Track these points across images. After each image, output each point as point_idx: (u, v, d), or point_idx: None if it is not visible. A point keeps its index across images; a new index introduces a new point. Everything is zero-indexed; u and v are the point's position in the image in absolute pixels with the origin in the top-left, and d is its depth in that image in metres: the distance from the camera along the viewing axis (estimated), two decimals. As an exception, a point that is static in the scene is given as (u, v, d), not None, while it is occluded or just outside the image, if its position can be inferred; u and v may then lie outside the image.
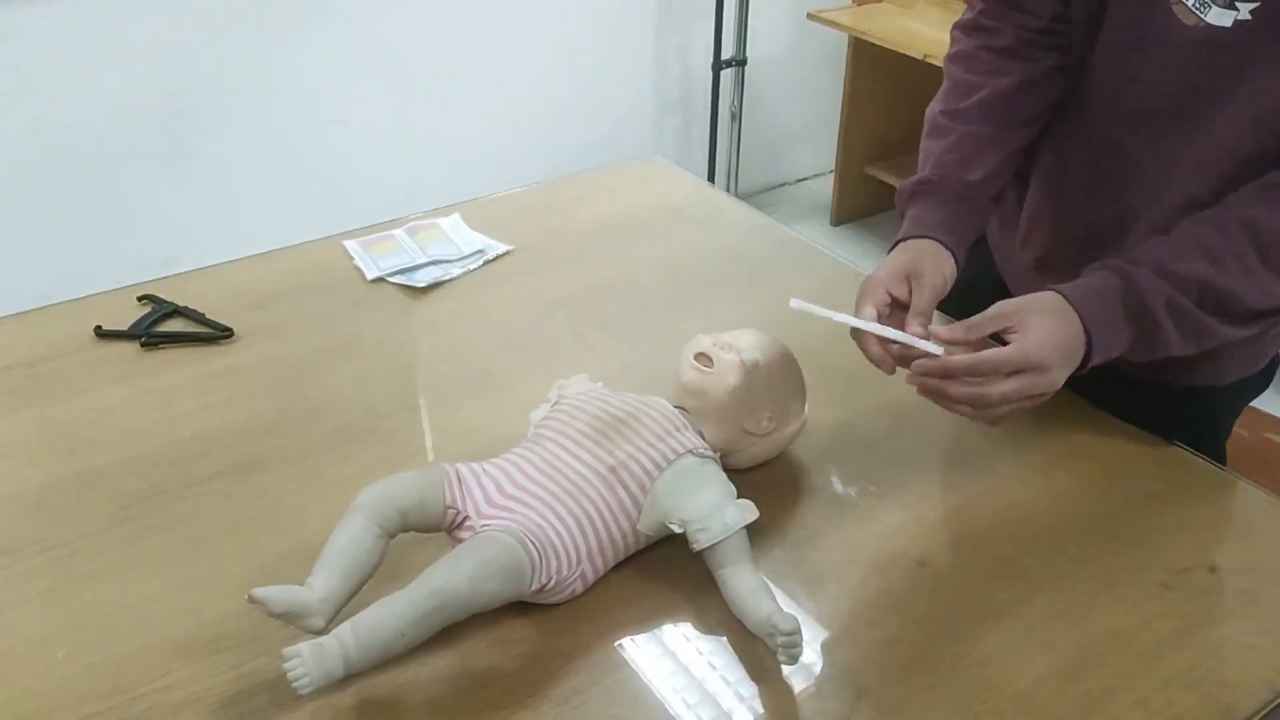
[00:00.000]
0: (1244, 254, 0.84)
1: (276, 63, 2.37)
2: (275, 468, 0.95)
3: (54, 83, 2.14)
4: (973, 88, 1.00)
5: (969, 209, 0.99)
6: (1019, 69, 0.99)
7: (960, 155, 0.98)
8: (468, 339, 1.14)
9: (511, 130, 2.74)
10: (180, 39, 2.24)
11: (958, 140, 0.99)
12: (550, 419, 0.86)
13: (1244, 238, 0.85)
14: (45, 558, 0.84)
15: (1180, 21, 0.86)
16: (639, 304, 1.21)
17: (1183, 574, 0.84)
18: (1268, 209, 0.85)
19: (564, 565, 0.77)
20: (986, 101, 0.99)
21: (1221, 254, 0.85)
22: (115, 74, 2.20)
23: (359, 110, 2.52)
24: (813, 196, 3.35)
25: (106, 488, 0.92)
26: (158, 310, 1.15)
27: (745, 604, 0.76)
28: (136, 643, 0.77)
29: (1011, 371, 0.82)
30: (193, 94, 2.30)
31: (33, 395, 1.04)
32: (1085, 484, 0.93)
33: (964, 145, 0.99)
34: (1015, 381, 0.82)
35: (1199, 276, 0.85)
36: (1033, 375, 0.82)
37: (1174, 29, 0.86)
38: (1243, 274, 0.85)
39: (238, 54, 2.32)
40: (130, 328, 1.12)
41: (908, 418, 1.01)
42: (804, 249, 1.34)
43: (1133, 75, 0.92)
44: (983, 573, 0.84)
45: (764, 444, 0.90)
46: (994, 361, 0.82)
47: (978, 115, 0.99)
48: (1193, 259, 0.85)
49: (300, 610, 0.71)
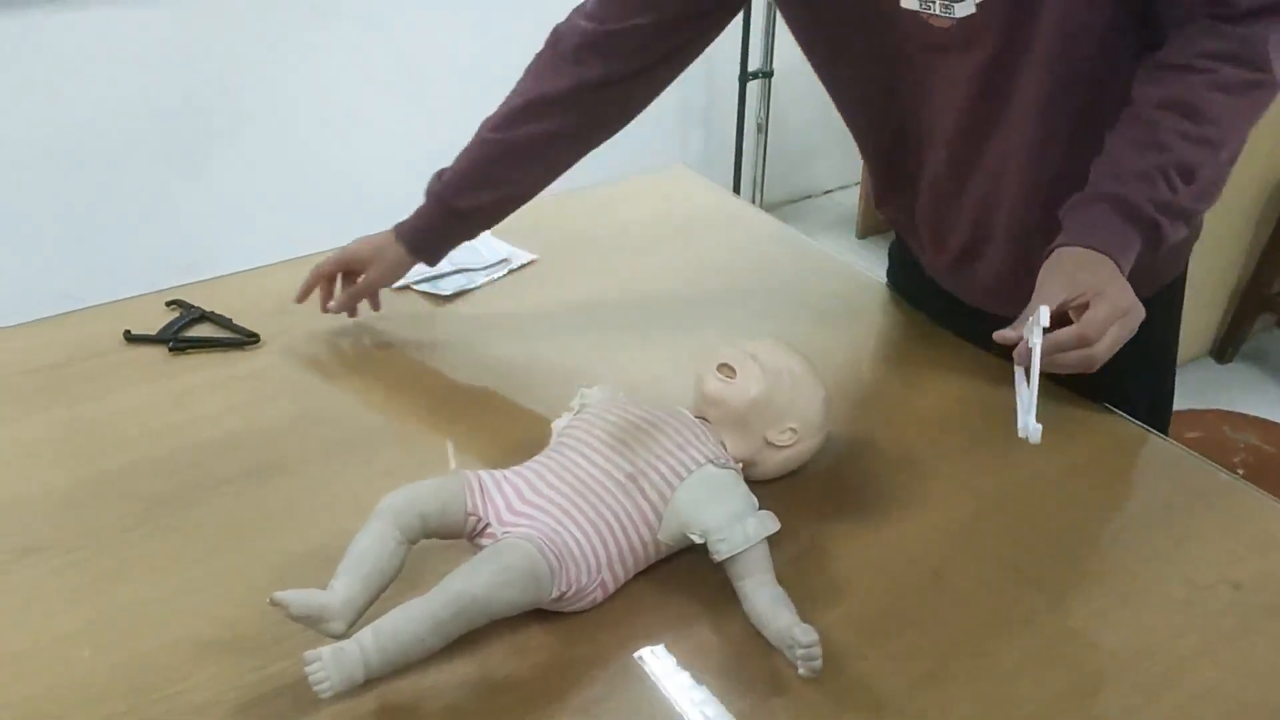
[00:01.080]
0: (1178, 128, 0.88)
1: (298, 68, 2.40)
2: (297, 471, 0.95)
3: (76, 88, 2.17)
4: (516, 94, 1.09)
5: (446, 226, 1.11)
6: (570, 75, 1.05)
7: (457, 178, 1.09)
8: (491, 347, 1.14)
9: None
10: (203, 45, 2.26)
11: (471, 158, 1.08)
12: (572, 427, 0.86)
13: (1168, 117, 0.88)
14: (69, 557, 0.86)
15: (934, 27, 0.92)
16: (662, 314, 1.21)
17: (1204, 589, 0.83)
18: (1164, 86, 0.89)
19: (584, 574, 0.77)
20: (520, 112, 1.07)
21: (1162, 140, 0.88)
22: (137, 79, 2.23)
23: (385, 116, 2.54)
24: (838, 209, 3.34)
25: (131, 489, 0.93)
26: (186, 315, 1.17)
27: (765, 615, 0.76)
28: (158, 643, 0.78)
29: (1105, 328, 0.84)
30: (217, 99, 2.33)
31: (60, 397, 1.05)
32: (1103, 495, 0.93)
33: (470, 166, 1.08)
34: (1113, 331, 0.85)
35: (1158, 164, 0.88)
36: (1119, 318, 0.85)
37: (929, 34, 0.92)
38: (1190, 144, 0.88)
39: (259, 59, 2.34)
40: (159, 332, 1.14)
41: (929, 430, 1.00)
42: (828, 260, 1.34)
43: (911, 82, 0.99)
44: (1001, 585, 0.83)
45: (786, 455, 0.90)
46: (1093, 325, 0.84)
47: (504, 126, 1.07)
48: (1143, 156, 0.88)
49: (321, 614, 0.72)
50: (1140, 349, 0.88)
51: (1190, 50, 0.88)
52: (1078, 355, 0.84)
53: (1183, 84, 0.88)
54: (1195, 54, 0.88)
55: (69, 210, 2.26)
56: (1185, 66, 0.88)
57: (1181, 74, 0.88)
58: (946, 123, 0.99)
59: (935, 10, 0.90)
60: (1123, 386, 1.04)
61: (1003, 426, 1.00)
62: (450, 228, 1.12)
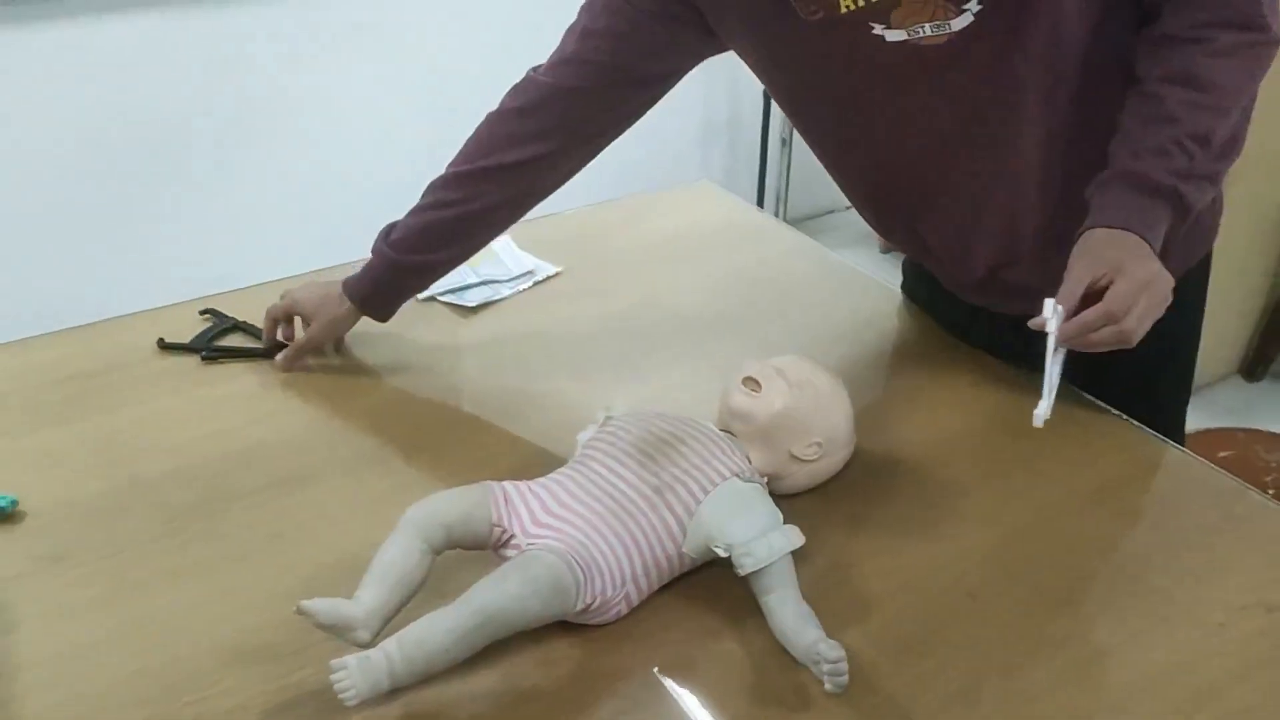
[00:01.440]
0: (1185, 98, 0.89)
1: (326, 81, 2.42)
2: (323, 481, 0.96)
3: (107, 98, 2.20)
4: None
5: (397, 281, 1.11)
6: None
7: (409, 235, 1.08)
8: (516, 359, 1.15)
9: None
10: (232, 58, 2.29)
11: (422, 219, 1.08)
12: (597, 439, 0.86)
13: (1173, 90, 0.90)
14: (97, 565, 0.86)
15: (924, 49, 0.90)
16: (686, 326, 1.21)
17: (1239, 612, 0.82)
18: (1165, 60, 0.91)
19: (609, 586, 0.77)
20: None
21: (1171, 113, 0.89)
22: (167, 91, 2.25)
23: (409, 131, 2.56)
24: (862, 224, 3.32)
25: (158, 497, 0.93)
26: (218, 325, 1.18)
27: (790, 630, 0.75)
28: (184, 650, 0.78)
29: (1130, 302, 0.85)
30: (245, 112, 2.35)
31: (89, 407, 1.06)
32: (1138, 515, 0.92)
33: (421, 226, 1.08)
34: (1141, 303, 0.85)
35: (1171, 137, 0.89)
36: (1143, 289, 0.85)
37: (919, 58, 0.91)
38: (1199, 112, 0.90)
39: (287, 72, 2.36)
40: (192, 341, 1.15)
41: (957, 447, 1.00)
42: (852, 274, 1.34)
43: (908, 112, 0.97)
44: (1033, 605, 0.82)
45: (811, 470, 0.90)
46: (1117, 301, 0.84)
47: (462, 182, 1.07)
48: (1156, 131, 0.90)
49: (347, 623, 0.72)
50: (1158, 338, 0.88)
51: (1185, 21, 0.90)
52: (1109, 332, 0.85)
53: (1182, 55, 0.90)
54: (1190, 24, 0.90)
55: (100, 220, 2.29)
56: (1183, 38, 0.90)
57: (1180, 46, 0.90)
58: (950, 144, 0.98)
59: (926, 32, 0.89)
60: (1141, 376, 1.04)
61: (1032, 445, 0.99)
62: (401, 283, 1.12)
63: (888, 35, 0.90)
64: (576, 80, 1.03)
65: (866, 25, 0.90)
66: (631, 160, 3.02)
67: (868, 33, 0.90)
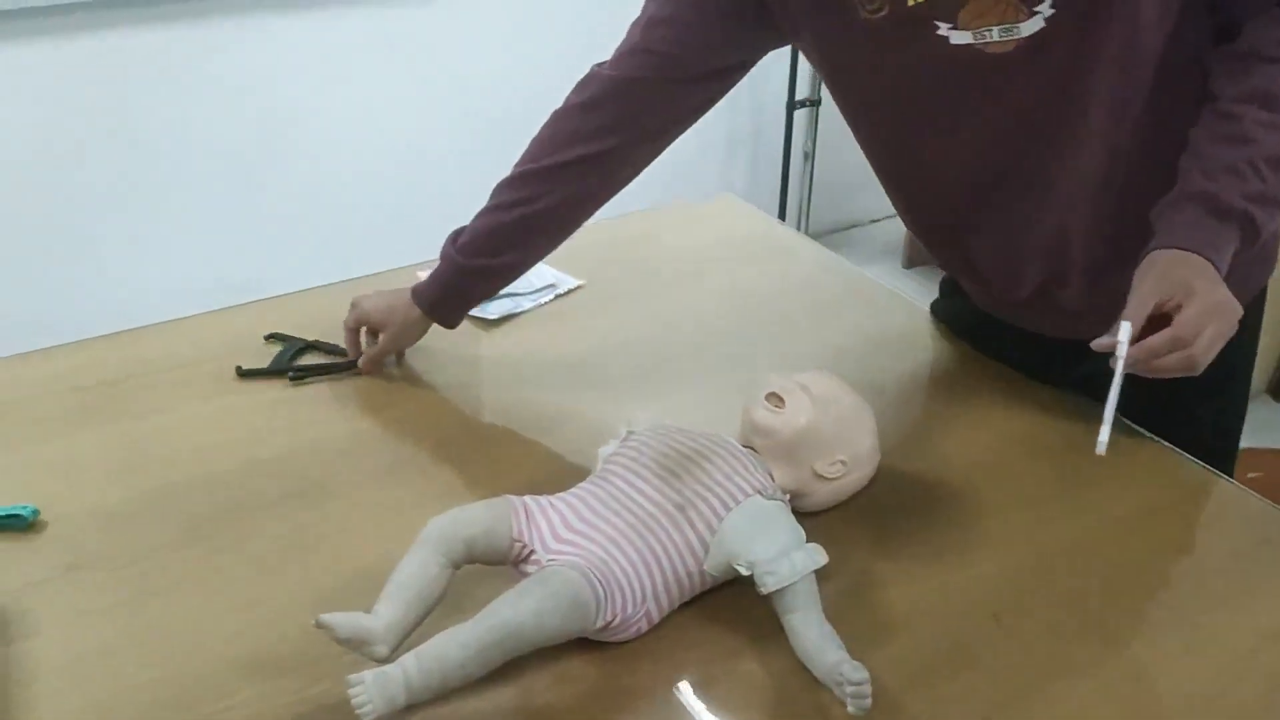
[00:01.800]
0: (1260, 119, 0.87)
1: (353, 93, 2.43)
2: (343, 493, 0.96)
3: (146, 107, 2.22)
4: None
5: (464, 286, 1.10)
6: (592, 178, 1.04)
7: (475, 239, 1.07)
8: (537, 372, 1.14)
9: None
10: (262, 70, 2.31)
11: (487, 222, 1.07)
12: (618, 455, 0.86)
13: (1248, 109, 0.87)
14: (117, 574, 0.86)
15: (989, 56, 0.87)
16: (708, 341, 1.20)
17: (1272, 638, 0.80)
18: (1242, 78, 0.88)
19: (629, 603, 0.76)
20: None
21: (1246, 133, 0.87)
22: (203, 102, 2.27)
23: (435, 144, 2.57)
24: (885, 237, 3.32)
25: (179, 507, 0.93)
26: (291, 346, 1.16)
27: (813, 650, 0.74)
28: (202, 661, 0.78)
29: (1200, 327, 0.82)
30: (272, 123, 2.37)
31: (111, 415, 1.06)
32: (1170, 540, 0.90)
33: (486, 230, 1.07)
34: (1210, 329, 0.82)
35: (1245, 157, 0.86)
36: (1213, 315, 0.83)
37: (983, 64, 0.88)
38: (1275, 134, 0.87)
39: (315, 84, 2.38)
40: (271, 365, 1.13)
41: (986, 467, 0.98)
42: (875, 289, 1.33)
43: (965, 122, 0.94)
44: (1061, 629, 0.81)
45: (834, 488, 0.89)
46: (1186, 326, 0.82)
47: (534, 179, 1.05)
48: (1229, 151, 0.87)
49: (365, 637, 0.72)
50: (1211, 366, 0.85)
51: (1264, 40, 0.87)
52: (1177, 358, 0.82)
53: (1260, 74, 0.87)
54: (1269, 43, 0.87)
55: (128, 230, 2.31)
56: (1261, 57, 0.87)
57: (1258, 64, 0.87)
58: (1008, 157, 0.96)
59: (994, 37, 0.86)
60: (1189, 406, 1.01)
61: (1060, 466, 0.98)
62: (467, 288, 1.10)
63: (953, 37, 0.87)
64: (640, 71, 1.01)
65: (932, 24, 0.87)
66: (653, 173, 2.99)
67: (932, 33, 0.87)
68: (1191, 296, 0.82)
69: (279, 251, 2.47)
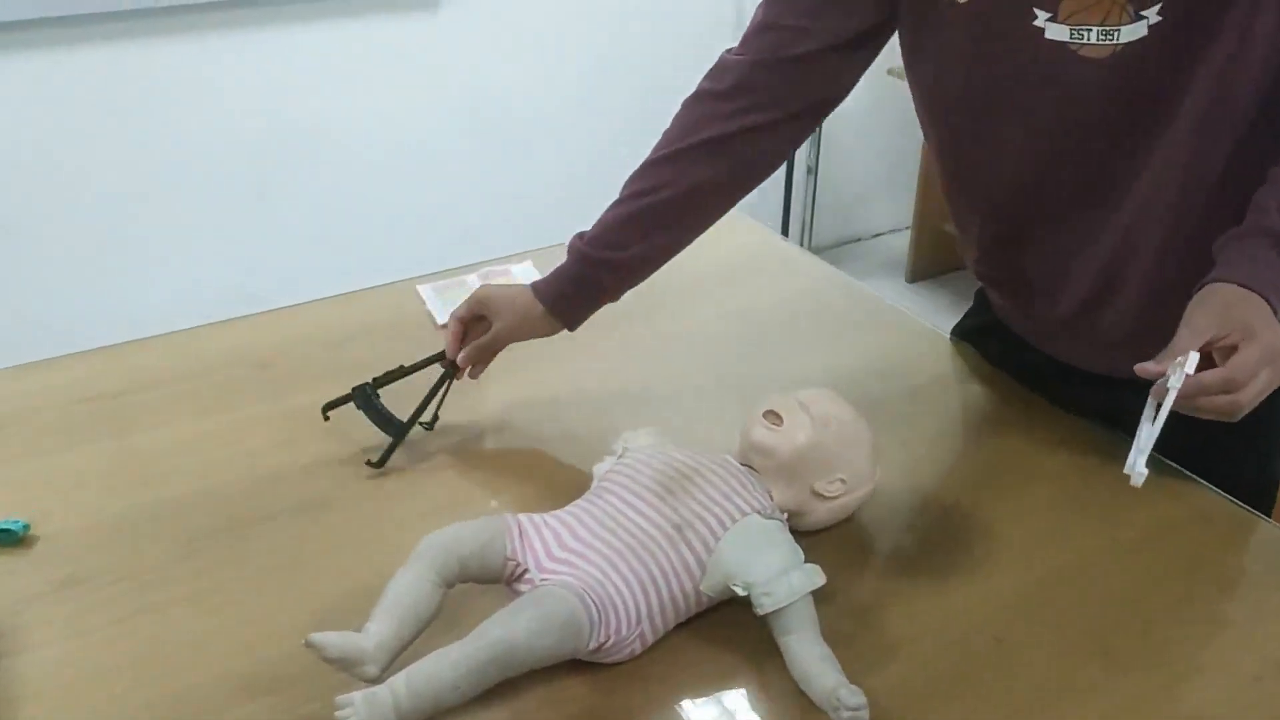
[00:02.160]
0: None
1: (365, 107, 2.44)
2: (340, 508, 0.95)
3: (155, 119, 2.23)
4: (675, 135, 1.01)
5: (590, 280, 1.02)
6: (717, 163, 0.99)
7: (603, 232, 1.02)
8: (534, 387, 1.14)
9: (587, 178, 2.77)
10: (275, 82, 2.32)
11: (616, 212, 1.02)
12: (615, 472, 0.85)
13: None
14: (114, 589, 0.86)
15: (1081, 60, 0.84)
16: (708, 356, 1.20)
17: (1277, 665, 0.79)
18: None
19: (624, 624, 0.75)
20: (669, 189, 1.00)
21: None
22: (212, 113, 2.28)
23: (439, 155, 2.57)
24: (889, 252, 3.31)
25: (178, 521, 0.93)
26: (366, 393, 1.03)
27: (810, 673, 0.73)
28: (196, 679, 0.77)
29: (1254, 372, 0.77)
30: (279, 135, 2.37)
31: (112, 427, 1.06)
32: (1174, 563, 0.89)
33: (615, 220, 1.02)
34: (1263, 376, 0.77)
35: None
36: (1270, 362, 0.77)
37: (1073, 68, 0.84)
38: None
39: (324, 97, 2.39)
40: (354, 392, 1.03)
41: (986, 487, 0.97)
42: (878, 305, 1.32)
43: (1044, 125, 0.90)
44: (1063, 653, 0.80)
45: (833, 507, 0.88)
46: (1242, 369, 0.76)
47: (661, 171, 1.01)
48: None
49: (355, 657, 0.71)
50: (1256, 412, 0.80)
51: None
52: (1224, 400, 0.76)
53: None
54: None
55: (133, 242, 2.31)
56: None
57: None
58: (1084, 166, 0.91)
59: (1091, 40, 0.81)
60: (1231, 449, 0.97)
61: (1067, 488, 0.97)
62: (594, 283, 1.02)
63: (1049, 30, 0.83)
64: (767, 53, 0.97)
65: (1030, 12, 0.83)
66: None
67: (1027, 24, 0.84)
68: (1251, 339, 0.76)
69: (286, 263, 2.47)
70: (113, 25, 2.11)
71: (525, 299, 1.02)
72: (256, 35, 2.26)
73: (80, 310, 2.27)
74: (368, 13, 2.36)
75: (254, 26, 2.25)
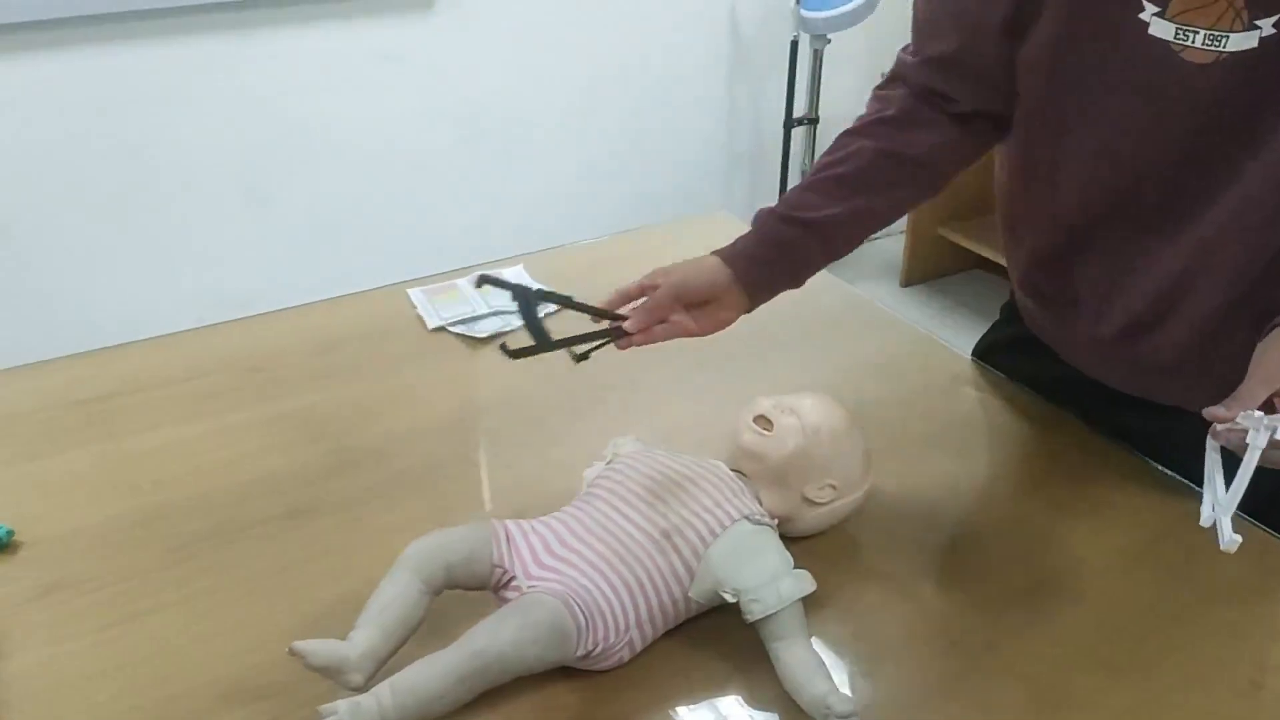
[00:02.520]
0: None
1: (357, 110, 2.44)
2: (330, 513, 0.94)
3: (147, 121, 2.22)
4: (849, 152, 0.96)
5: (777, 246, 0.93)
6: (891, 136, 0.95)
7: (798, 199, 0.93)
8: (525, 392, 1.13)
9: (580, 182, 2.77)
10: (267, 85, 2.31)
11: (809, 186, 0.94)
12: (604, 478, 0.84)
13: None
14: (101, 595, 0.85)
15: (1184, 64, 0.80)
16: (700, 361, 1.19)
17: (1274, 671, 0.78)
18: None
19: (611, 632, 0.75)
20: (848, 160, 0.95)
21: None
22: (205, 115, 2.27)
23: (432, 158, 2.57)
24: (883, 256, 3.31)
25: (166, 527, 0.92)
26: (527, 300, 0.89)
27: (799, 681, 0.73)
28: (181, 686, 0.76)
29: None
30: (277, 138, 2.37)
31: (101, 431, 1.05)
32: (1171, 569, 0.88)
33: (810, 191, 0.94)
34: None
35: None
36: None
37: (1174, 70, 0.80)
38: None
39: (320, 101, 2.38)
40: (538, 343, 0.87)
41: (978, 492, 0.97)
42: (872, 309, 1.31)
43: (1129, 131, 0.86)
44: (1057, 660, 0.79)
45: (824, 512, 0.87)
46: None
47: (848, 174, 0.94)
48: None
49: (340, 665, 0.70)
50: None
51: None
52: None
53: None
54: None
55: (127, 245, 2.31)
56: None
57: None
58: (1156, 181, 0.87)
59: (1197, 43, 0.77)
60: None
61: (1061, 494, 0.97)
62: (788, 245, 0.92)
63: (1153, 25, 0.79)
64: (947, 44, 0.93)
65: (1139, 3, 0.79)
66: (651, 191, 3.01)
67: (1133, 15, 0.79)
68: None
69: (277, 267, 2.46)
70: (102, 28, 2.11)
71: (709, 262, 0.91)
72: (248, 38, 2.25)
73: (69, 313, 2.27)
74: (361, 14, 2.35)
75: (246, 29, 2.24)
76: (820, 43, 2.77)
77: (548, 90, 2.66)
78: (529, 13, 2.54)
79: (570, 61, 2.66)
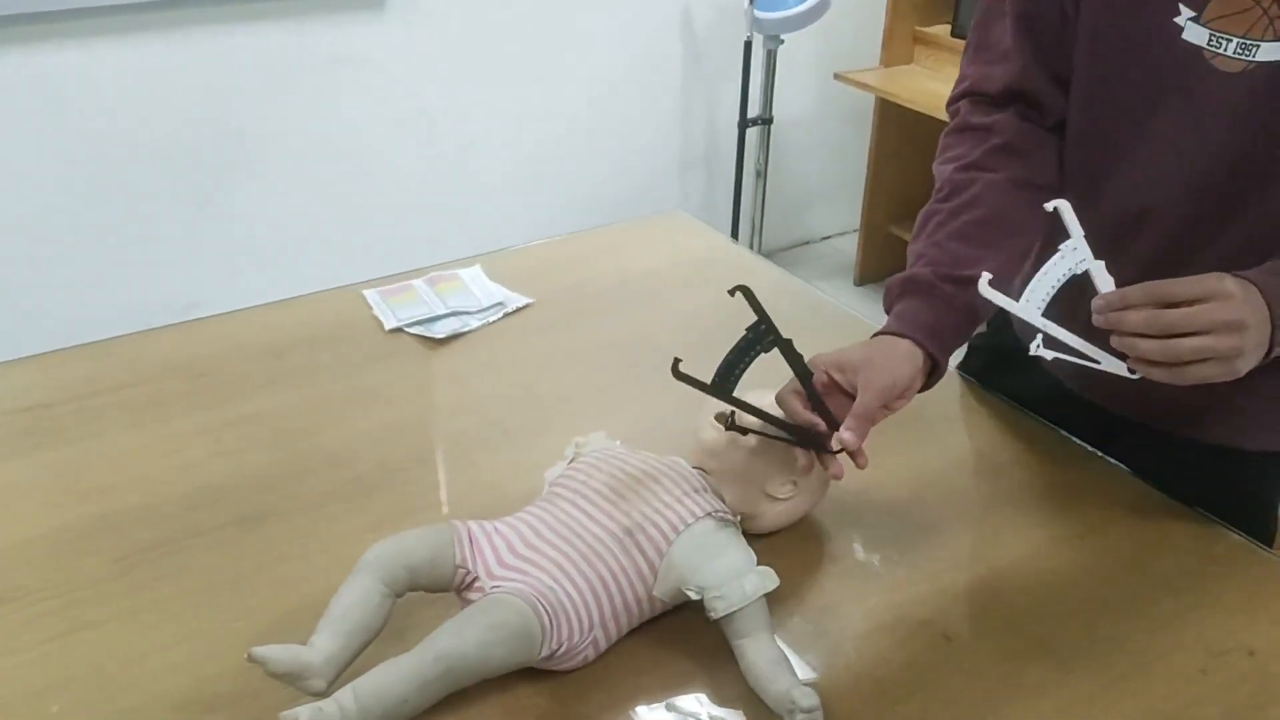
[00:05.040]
0: None
1: (307, 111, 2.40)
2: (285, 519, 0.93)
3: (89, 123, 2.17)
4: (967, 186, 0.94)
5: (958, 312, 0.89)
6: (1015, 165, 0.93)
7: (953, 255, 0.90)
8: (484, 392, 1.12)
9: (535, 183, 2.76)
10: (213, 85, 2.27)
11: (955, 236, 0.92)
12: (566, 477, 0.84)
13: None
14: (48, 606, 0.83)
15: (1215, 71, 0.79)
16: (659, 360, 1.18)
17: (1220, 657, 0.80)
18: None
19: (576, 631, 0.74)
20: (984, 198, 0.92)
21: None
22: (148, 116, 2.23)
23: (386, 160, 2.54)
24: (837, 255, 3.34)
25: (115, 535, 0.90)
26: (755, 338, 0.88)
27: (763, 676, 0.73)
28: (134, 700, 0.75)
29: (1195, 300, 0.71)
30: (223, 139, 2.33)
31: (46, 439, 1.03)
32: (1118, 558, 0.90)
33: (961, 242, 0.91)
34: (1208, 340, 0.71)
35: None
36: (1226, 330, 0.71)
37: (1205, 78, 0.80)
38: None
39: (269, 101, 2.35)
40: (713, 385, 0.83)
41: (934, 484, 0.98)
42: (827, 308, 1.32)
43: (1164, 140, 0.86)
44: (1011, 650, 0.80)
45: (786, 508, 0.88)
46: (1174, 290, 0.71)
47: (977, 212, 0.92)
48: None
49: (301, 671, 0.69)
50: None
51: None
52: (1154, 346, 0.70)
53: None
54: None
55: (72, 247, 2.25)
56: None
57: None
58: (1179, 193, 0.86)
59: (1228, 51, 0.76)
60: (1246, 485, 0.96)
61: (1011, 486, 0.98)
62: (972, 309, 0.88)
63: (1188, 30, 0.78)
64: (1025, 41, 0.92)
65: (1175, 7, 0.78)
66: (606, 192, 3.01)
67: (1168, 20, 0.79)
68: (1228, 301, 0.70)
69: (227, 271, 2.42)
70: (47, 26, 2.06)
71: (913, 355, 0.85)
72: (194, 35, 2.21)
73: (9, 319, 2.21)
74: (312, 13, 2.32)
75: (192, 26, 2.20)
76: (774, 43, 2.79)
77: (500, 90, 2.64)
78: (482, 13, 2.53)
79: (523, 62, 2.65)
